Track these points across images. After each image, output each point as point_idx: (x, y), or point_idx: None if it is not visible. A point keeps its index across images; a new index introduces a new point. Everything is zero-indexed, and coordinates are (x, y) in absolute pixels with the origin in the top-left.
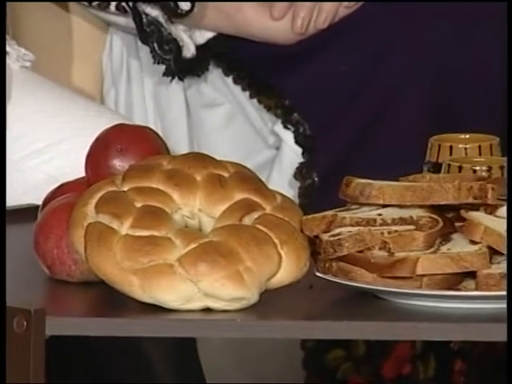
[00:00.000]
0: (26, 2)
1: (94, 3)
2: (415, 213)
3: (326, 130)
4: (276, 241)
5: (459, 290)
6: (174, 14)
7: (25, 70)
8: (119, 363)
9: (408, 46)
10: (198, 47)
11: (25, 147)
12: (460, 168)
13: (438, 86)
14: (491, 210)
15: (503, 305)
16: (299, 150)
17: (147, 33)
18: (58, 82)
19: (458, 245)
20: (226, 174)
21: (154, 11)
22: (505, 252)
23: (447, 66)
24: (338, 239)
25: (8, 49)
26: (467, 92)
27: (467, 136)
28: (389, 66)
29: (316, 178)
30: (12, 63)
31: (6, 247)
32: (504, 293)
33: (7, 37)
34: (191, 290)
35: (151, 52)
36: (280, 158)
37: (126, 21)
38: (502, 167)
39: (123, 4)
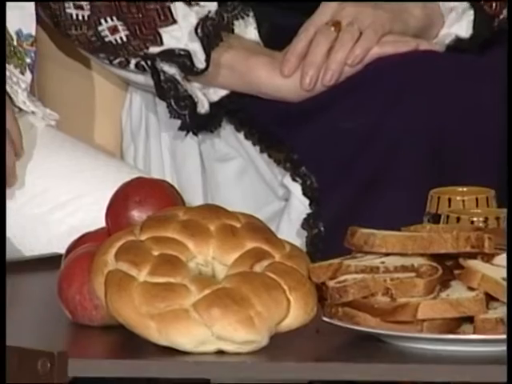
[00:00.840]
0: (49, 63)
1: (115, 62)
2: (416, 261)
3: (332, 183)
4: (285, 287)
5: (458, 333)
6: (190, 73)
7: (50, 129)
8: None
9: (406, 107)
10: (212, 104)
11: (49, 201)
12: (458, 219)
13: (436, 145)
14: (488, 258)
15: (500, 347)
16: (307, 202)
17: (165, 89)
18: (81, 138)
19: (457, 291)
20: (237, 225)
21: (171, 69)
22: (501, 298)
23: (444, 126)
24: (344, 286)
25: (34, 109)
26: (464, 149)
27: (465, 189)
28: (390, 126)
29: (322, 228)
30: (38, 122)
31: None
32: (500, 336)
33: (34, 98)
34: (205, 333)
35: (168, 107)
36: (289, 209)
37: (145, 78)
38: (497, 218)
39: (142, 62)
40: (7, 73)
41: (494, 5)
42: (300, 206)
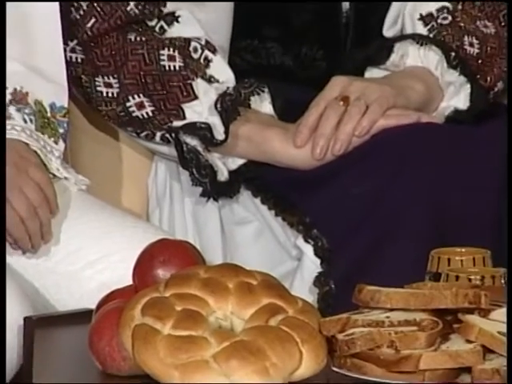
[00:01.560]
0: (82, 135)
1: (142, 135)
2: (418, 316)
3: (341, 245)
4: (298, 340)
5: (457, 383)
6: (210, 144)
7: (82, 193)
8: None
9: (409, 175)
10: (231, 172)
11: (81, 259)
12: (457, 277)
13: (436, 210)
14: (484, 313)
15: None
16: (318, 262)
17: (187, 159)
18: (110, 202)
19: (456, 344)
20: (254, 282)
21: (193, 141)
22: (497, 350)
23: (444, 194)
24: (352, 338)
25: (67, 175)
26: (463, 213)
27: (463, 250)
28: (394, 192)
29: (333, 286)
30: (71, 186)
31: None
32: None
33: (66, 165)
34: (224, 382)
35: (190, 176)
36: (301, 268)
37: (169, 149)
38: (493, 277)
39: (167, 135)
40: (41, 142)
41: (488, 79)
42: (312, 265)
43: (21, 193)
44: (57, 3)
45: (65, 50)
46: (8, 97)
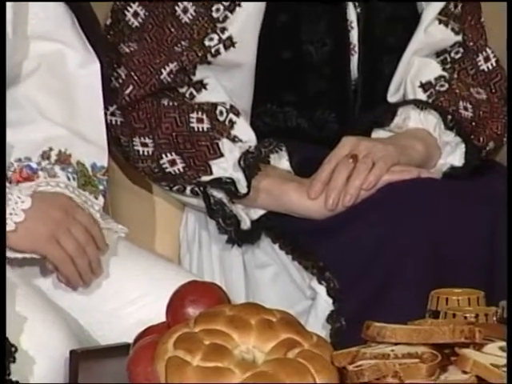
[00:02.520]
0: (120, 189)
1: (174, 188)
2: (420, 349)
3: (351, 286)
4: (312, 371)
5: None
6: (235, 196)
7: (121, 240)
8: None
9: (410, 225)
10: (253, 221)
11: (121, 299)
12: (454, 315)
13: (435, 255)
14: (479, 347)
15: None
16: (330, 301)
17: (214, 210)
18: (146, 248)
19: (453, 374)
20: (273, 319)
21: (219, 194)
22: (490, 381)
23: (441, 240)
24: (361, 369)
25: (107, 226)
26: (458, 258)
27: (459, 290)
28: (397, 240)
29: (343, 323)
30: (112, 235)
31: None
32: None
33: (106, 216)
34: None
35: (217, 225)
36: (315, 306)
37: (198, 201)
38: (486, 315)
39: (196, 189)
40: (83, 198)
41: (481, 139)
42: (325, 304)
43: (69, 234)
44: (99, 73)
45: (105, 114)
46: (54, 157)
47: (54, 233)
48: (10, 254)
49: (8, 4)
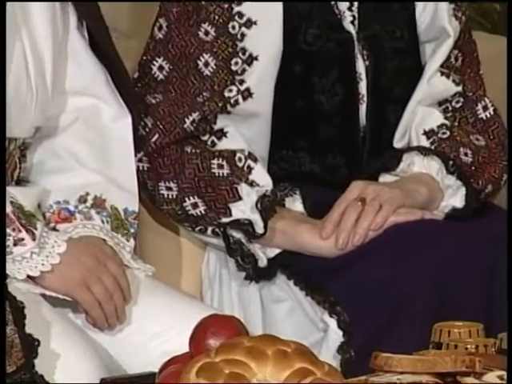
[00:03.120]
0: (147, 230)
1: (196, 229)
2: (424, 378)
3: (360, 319)
4: None
5: None
6: (252, 237)
7: (148, 278)
8: None
9: (415, 262)
10: (269, 260)
11: (148, 332)
12: (456, 346)
13: (438, 291)
14: (479, 376)
15: None
16: (340, 333)
17: (233, 250)
18: (171, 285)
19: None
20: (288, 350)
21: (238, 234)
22: None
23: (444, 277)
24: None
25: (136, 266)
26: (460, 294)
27: (460, 323)
28: (403, 276)
29: (353, 353)
30: (140, 273)
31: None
32: None
33: (136, 256)
34: None
35: (236, 263)
36: (327, 338)
37: (219, 241)
38: (485, 346)
39: (216, 230)
40: (116, 240)
41: (480, 183)
42: (335, 336)
43: (99, 281)
44: (130, 126)
45: None
46: (90, 201)
47: (86, 279)
48: (45, 292)
49: (48, 59)
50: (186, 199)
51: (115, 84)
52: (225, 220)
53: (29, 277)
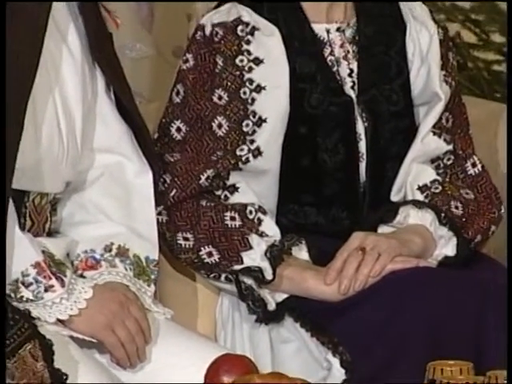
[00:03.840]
0: (167, 277)
1: (211, 276)
2: None
3: (361, 359)
4: None
5: None
6: (262, 283)
7: (167, 320)
8: None
9: (410, 308)
10: (278, 304)
11: (167, 369)
12: (448, 383)
13: (432, 333)
14: None
15: None
16: (343, 371)
17: (245, 294)
18: (187, 327)
19: None
20: None
21: (249, 280)
22: None
23: (437, 320)
24: None
25: (157, 309)
26: (453, 335)
27: (452, 362)
28: (399, 320)
29: None
30: (159, 316)
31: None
32: None
33: (156, 301)
34: None
35: (247, 307)
36: (331, 376)
37: (231, 287)
38: (475, 383)
39: (229, 276)
40: (138, 285)
41: (470, 233)
42: (338, 373)
43: (123, 324)
44: (151, 182)
45: None
46: (114, 250)
47: (110, 322)
48: (73, 334)
49: (78, 118)
50: (202, 248)
51: (138, 143)
52: (237, 267)
53: (58, 319)
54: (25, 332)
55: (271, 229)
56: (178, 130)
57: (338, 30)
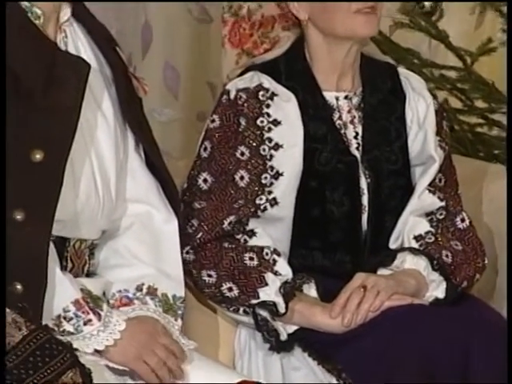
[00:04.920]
0: (190, 308)
1: (231, 309)
2: None
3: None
4: None
5: None
6: (276, 315)
7: (191, 351)
8: None
9: (405, 339)
10: (289, 334)
11: None
12: None
13: (423, 364)
14: None
15: None
16: None
17: (260, 326)
18: (208, 356)
19: None
20: None
21: (264, 313)
22: None
23: (429, 352)
24: None
25: (184, 341)
26: (443, 367)
27: None
28: (395, 350)
29: None
30: (184, 347)
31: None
32: None
33: (184, 336)
34: None
35: (262, 337)
36: None
37: (248, 319)
38: None
39: (247, 310)
40: (166, 320)
41: (457, 279)
42: None
43: (153, 354)
44: (177, 228)
45: (181, 252)
46: (145, 290)
47: (141, 353)
48: (109, 364)
49: (112, 175)
50: (223, 284)
51: (165, 194)
52: (254, 301)
53: (95, 349)
54: (67, 361)
55: (284, 269)
56: (205, 180)
57: (345, 97)
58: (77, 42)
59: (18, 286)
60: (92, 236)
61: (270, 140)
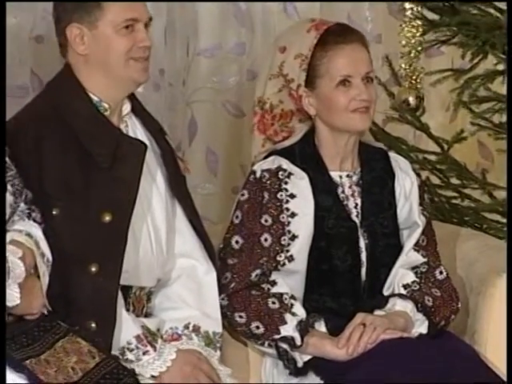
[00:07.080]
0: (227, 344)
1: (258, 343)
2: None
3: None
4: None
5: None
6: (294, 347)
7: (227, 377)
8: None
9: (397, 366)
10: (304, 362)
11: None
12: None
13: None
14: None
15: None
16: None
17: (281, 355)
18: (241, 380)
19: None
20: None
21: (284, 346)
22: None
23: (415, 376)
24: None
25: (221, 368)
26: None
27: None
28: (389, 374)
29: None
30: (222, 374)
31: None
32: None
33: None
34: None
35: (283, 364)
36: None
37: (272, 350)
38: None
39: (271, 343)
40: (207, 351)
41: (437, 319)
42: None
43: (196, 378)
44: (215, 278)
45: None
46: (191, 328)
47: (188, 377)
48: None
49: (163, 234)
50: (252, 323)
51: (205, 249)
52: (276, 337)
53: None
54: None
55: (300, 310)
56: (237, 242)
57: (347, 176)
58: (135, 130)
59: (93, 324)
60: (149, 284)
61: (288, 210)
